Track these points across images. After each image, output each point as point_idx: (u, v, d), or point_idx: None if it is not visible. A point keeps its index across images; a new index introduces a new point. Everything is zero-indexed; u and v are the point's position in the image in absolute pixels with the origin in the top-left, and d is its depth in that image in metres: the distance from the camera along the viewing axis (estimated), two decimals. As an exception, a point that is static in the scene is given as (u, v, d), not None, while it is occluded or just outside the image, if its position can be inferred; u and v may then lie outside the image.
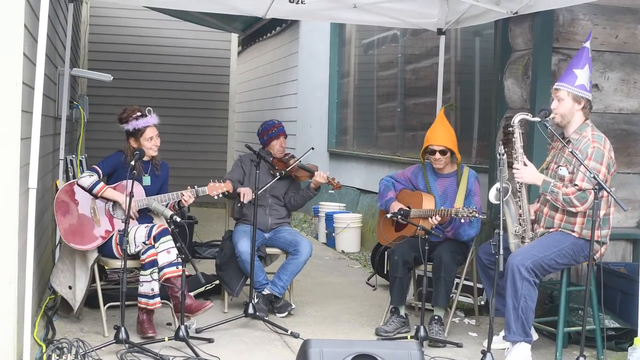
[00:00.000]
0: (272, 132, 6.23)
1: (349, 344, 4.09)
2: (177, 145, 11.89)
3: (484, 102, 7.46)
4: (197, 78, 12.59)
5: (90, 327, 5.44)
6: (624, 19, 6.20)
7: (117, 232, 5.32)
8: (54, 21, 6.21)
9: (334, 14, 7.06)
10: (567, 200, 4.82)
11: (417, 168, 5.91)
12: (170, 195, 5.46)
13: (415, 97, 9.13)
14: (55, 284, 5.50)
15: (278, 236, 6.14)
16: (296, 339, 5.35)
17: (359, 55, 11.03)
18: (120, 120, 5.46)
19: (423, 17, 7.03)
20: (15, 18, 4.15)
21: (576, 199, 4.78)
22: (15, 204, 4.22)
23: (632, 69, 6.23)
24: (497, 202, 4.90)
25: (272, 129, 6.25)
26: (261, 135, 6.29)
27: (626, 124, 6.25)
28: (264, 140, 6.26)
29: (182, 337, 4.93)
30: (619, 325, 5.36)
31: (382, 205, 5.88)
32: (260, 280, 5.94)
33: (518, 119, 4.97)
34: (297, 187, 6.33)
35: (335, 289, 7.15)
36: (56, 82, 6.73)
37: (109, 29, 12.24)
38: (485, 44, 7.50)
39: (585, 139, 4.94)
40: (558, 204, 4.89)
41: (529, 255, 4.84)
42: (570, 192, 4.81)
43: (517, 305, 4.80)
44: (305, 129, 12.02)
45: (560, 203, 4.86)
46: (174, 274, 5.22)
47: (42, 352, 4.63)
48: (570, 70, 5.00)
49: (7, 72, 4.16)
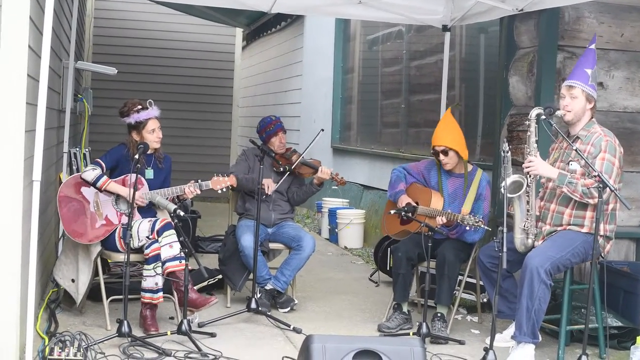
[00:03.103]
0: (270, 129, 6.20)
1: (352, 340, 4.09)
2: (181, 140, 11.91)
3: (488, 99, 7.45)
4: (202, 72, 12.59)
5: (92, 321, 5.45)
6: (630, 17, 6.18)
7: (120, 225, 5.33)
8: (59, 14, 6.20)
9: (339, 9, 7.05)
10: (586, 192, 4.79)
11: (431, 163, 5.88)
12: (174, 189, 5.46)
13: (420, 94, 9.12)
14: (58, 277, 5.50)
15: (281, 231, 6.14)
16: (298, 334, 5.36)
17: (363, 51, 11.01)
18: (121, 113, 5.45)
19: (428, 13, 7.01)
20: (21, 11, 4.16)
21: (595, 190, 4.73)
22: (19, 197, 4.23)
23: (637, 67, 6.21)
24: (513, 195, 4.90)
25: (270, 125, 6.21)
26: (260, 132, 6.26)
27: (630, 122, 6.23)
28: (263, 137, 6.24)
29: (185, 331, 4.93)
30: (622, 324, 5.35)
31: (391, 196, 5.85)
32: (263, 275, 5.94)
33: (535, 113, 4.95)
34: (300, 182, 6.32)
35: (338, 285, 7.15)
36: (61, 75, 6.73)
37: (114, 23, 12.24)
38: (490, 41, 7.49)
39: (596, 134, 4.95)
40: (575, 196, 4.84)
41: (547, 257, 4.81)
42: (589, 183, 4.78)
43: (531, 307, 4.79)
44: (309, 124, 12.01)
45: (579, 194, 4.82)
46: (177, 268, 5.23)
47: (44, 344, 4.63)
48: (582, 70, 4.99)
49: (12, 64, 4.16)
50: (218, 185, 5.59)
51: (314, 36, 12.11)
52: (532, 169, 4.94)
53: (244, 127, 15.31)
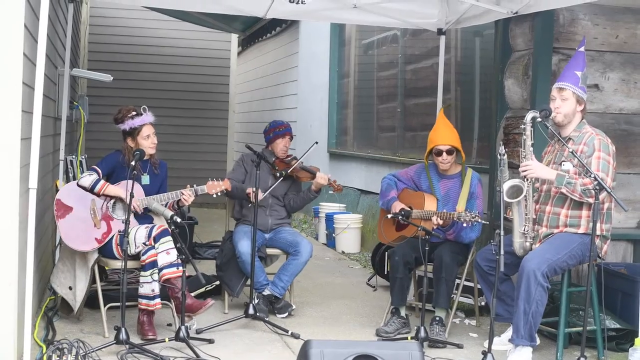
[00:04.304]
0: (280, 130, 6.22)
1: (350, 345, 4.09)
2: (177, 146, 11.90)
3: (484, 102, 7.45)
4: (197, 79, 12.58)
5: (90, 328, 5.44)
6: (624, 18, 6.20)
7: (117, 232, 5.32)
8: (54, 21, 6.20)
9: (334, 14, 7.06)
10: (585, 191, 4.80)
11: (421, 168, 5.89)
12: (170, 195, 5.46)
13: (416, 98, 9.13)
14: (56, 284, 5.49)
15: (278, 237, 6.14)
16: (297, 339, 5.35)
17: (359, 56, 11.03)
18: (115, 120, 5.46)
19: (423, 17, 7.03)
20: (15, 18, 4.15)
21: (594, 189, 4.73)
22: (16, 205, 4.22)
23: (632, 69, 6.23)
24: (513, 200, 4.90)
25: (280, 127, 6.24)
26: (268, 132, 6.27)
27: (626, 124, 6.24)
28: (269, 137, 6.25)
29: (183, 337, 4.93)
30: (620, 326, 5.35)
31: (383, 204, 5.86)
32: (261, 281, 5.93)
33: (530, 116, 4.96)
34: (297, 189, 6.32)
35: (336, 290, 7.15)
36: (56, 82, 6.73)
37: (109, 29, 12.24)
38: (486, 44, 7.50)
39: (587, 134, 4.98)
40: (575, 196, 4.84)
41: (544, 260, 4.81)
42: (588, 182, 4.79)
43: (528, 310, 4.79)
44: (305, 129, 12.02)
45: (578, 194, 4.82)
46: (174, 274, 5.22)
47: (42, 352, 4.62)
48: (572, 72, 5.01)
49: (7, 72, 4.16)
50: (213, 190, 5.59)
51: (310, 41, 12.12)
52: (530, 172, 4.95)
53: (240, 133, 15.31)
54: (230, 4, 6.74)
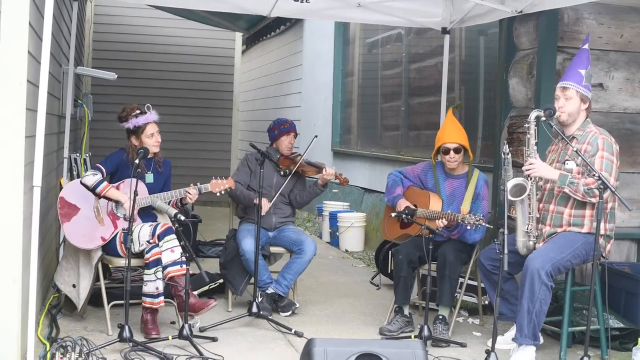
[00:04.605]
0: (285, 127, 6.23)
1: (353, 343, 4.09)
2: (181, 144, 11.91)
3: (488, 101, 7.45)
4: (201, 77, 12.59)
5: (94, 326, 5.45)
6: (629, 18, 6.18)
7: (121, 230, 5.33)
8: (59, 20, 6.21)
9: (338, 12, 7.05)
10: (588, 191, 4.79)
11: (428, 165, 5.88)
12: (174, 193, 5.47)
13: (420, 96, 9.12)
14: (59, 282, 5.50)
15: (282, 235, 6.14)
16: (300, 338, 5.36)
17: (363, 55, 11.02)
18: (119, 119, 5.47)
19: (427, 16, 7.02)
20: (20, 16, 4.16)
21: (597, 189, 4.72)
22: (20, 202, 4.23)
23: (637, 68, 6.21)
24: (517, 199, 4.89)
25: (285, 124, 6.26)
26: (272, 129, 6.28)
27: (631, 123, 6.23)
28: (274, 134, 6.25)
29: (186, 335, 4.93)
30: (624, 325, 5.35)
31: (389, 201, 5.86)
32: (264, 279, 5.94)
33: (534, 115, 4.95)
34: (302, 185, 6.32)
35: (339, 288, 7.15)
36: (60, 80, 6.74)
37: (113, 28, 12.24)
38: (490, 43, 7.49)
39: (591, 133, 4.97)
40: (577, 196, 4.83)
41: (548, 259, 4.80)
42: (591, 182, 4.77)
43: (532, 309, 4.78)
44: (309, 128, 12.02)
45: (581, 194, 4.81)
46: (178, 272, 5.22)
47: (46, 350, 4.63)
48: (576, 70, 5.00)
49: (12, 70, 4.17)
50: (217, 188, 5.60)
51: (314, 40, 12.12)
52: (533, 171, 4.94)
53: (244, 131, 15.31)
54: (234, 2, 6.73)
